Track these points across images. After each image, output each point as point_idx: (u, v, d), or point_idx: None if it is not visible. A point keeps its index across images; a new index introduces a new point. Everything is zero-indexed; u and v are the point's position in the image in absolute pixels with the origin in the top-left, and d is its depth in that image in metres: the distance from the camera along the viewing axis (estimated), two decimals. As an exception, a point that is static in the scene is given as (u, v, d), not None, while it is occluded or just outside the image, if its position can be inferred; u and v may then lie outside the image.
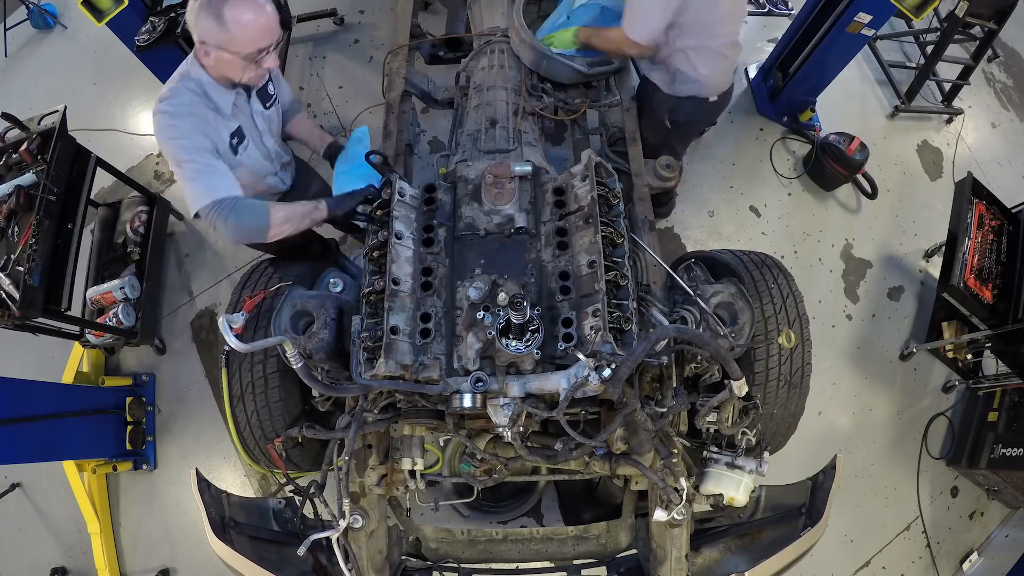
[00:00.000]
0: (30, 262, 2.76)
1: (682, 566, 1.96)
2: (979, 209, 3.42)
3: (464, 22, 3.16)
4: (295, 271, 2.35)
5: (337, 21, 4.45)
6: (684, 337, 1.68)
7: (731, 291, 1.98)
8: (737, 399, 1.99)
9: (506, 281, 1.83)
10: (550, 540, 2.25)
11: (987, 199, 3.50)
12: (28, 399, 2.83)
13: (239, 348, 1.51)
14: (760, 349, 2.18)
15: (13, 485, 3.44)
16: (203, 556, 3.20)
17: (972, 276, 3.28)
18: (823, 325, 3.79)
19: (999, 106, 4.71)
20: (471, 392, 1.69)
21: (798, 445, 2.62)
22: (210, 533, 1.83)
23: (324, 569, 1.99)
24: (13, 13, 4.56)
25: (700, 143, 4.20)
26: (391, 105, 2.79)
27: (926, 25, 4.43)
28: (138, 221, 3.63)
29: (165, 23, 3.19)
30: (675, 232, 3.96)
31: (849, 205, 4.16)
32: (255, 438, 2.25)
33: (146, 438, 3.44)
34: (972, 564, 3.53)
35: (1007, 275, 3.37)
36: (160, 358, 3.64)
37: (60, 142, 2.98)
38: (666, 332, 1.65)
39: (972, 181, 3.45)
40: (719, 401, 1.85)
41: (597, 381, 1.58)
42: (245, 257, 3.77)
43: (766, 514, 2.10)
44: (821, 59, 3.79)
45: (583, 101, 2.74)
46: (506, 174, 2.00)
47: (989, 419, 3.49)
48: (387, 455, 2.08)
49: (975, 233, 3.35)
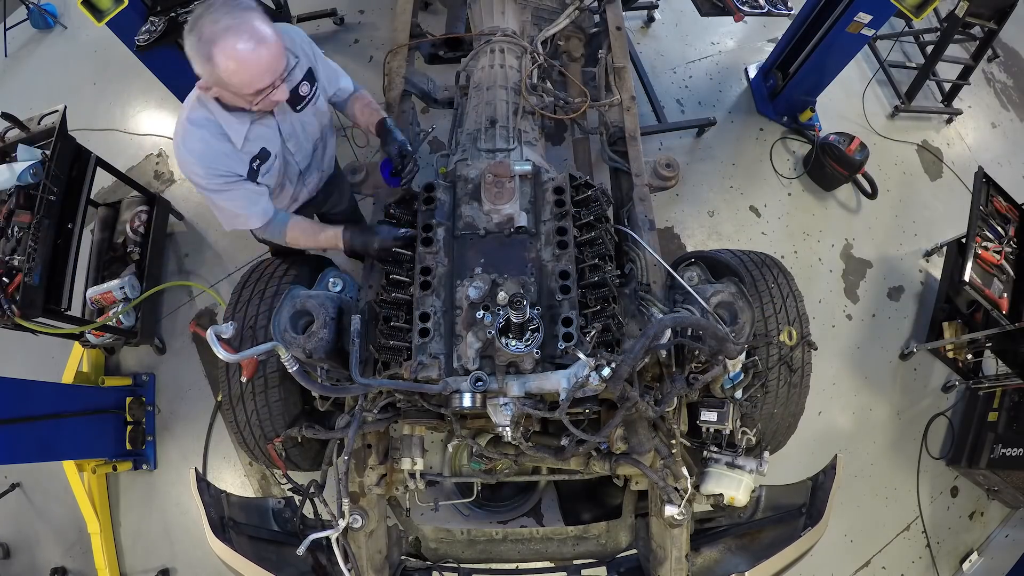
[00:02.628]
0: (30, 261, 2.76)
1: (682, 566, 1.96)
2: (996, 204, 3.42)
3: (464, 22, 3.16)
4: (295, 271, 2.35)
5: (337, 21, 4.45)
6: (682, 323, 1.68)
7: (731, 290, 1.98)
8: (738, 401, 2.00)
9: (506, 280, 1.83)
10: (550, 540, 2.25)
11: (1001, 194, 3.50)
12: (28, 399, 2.83)
13: (228, 359, 1.51)
14: (760, 349, 2.17)
15: (13, 485, 3.44)
16: (203, 556, 3.20)
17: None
18: (823, 325, 3.79)
19: (999, 106, 4.71)
20: (471, 392, 1.69)
21: (798, 445, 2.62)
22: (209, 533, 1.83)
23: (324, 569, 1.99)
24: (13, 13, 4.56)
25: (700, 143, 4.20)
26: (391, 105, 2.79)
27: (926, 25, 4.43)
28: (138, 221, 3.63)
29: (165, 23, 3.19)
30: (675, 232, 3.96)
31: (849, 205, 4.16)
32: (255, 438, 2.24)
33: (146, 438, 3.44)
34: (972, 564, 3.53)
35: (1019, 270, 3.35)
36: (160, 358, 3.64)
37: (60, 142, 2.98)
38: (663, 324, 1.66)
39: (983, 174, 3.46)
40: (712, 377, 1.86)
41: (597, 381, 1.58)
42: (245, 257, 3.77)
43: (766, 514, 2.09)
44: (821, 59, 3.79)
45: (583, 100, 2.74)
46: (506, 173, 1.99)
47: (989, 419, 3.49)
48: (387, 455, 2.08)
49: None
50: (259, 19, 1.72)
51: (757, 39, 4.65)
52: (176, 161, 2.05)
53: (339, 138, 2.54)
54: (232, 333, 1.53)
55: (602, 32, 3.13)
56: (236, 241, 3.86)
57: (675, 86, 4.39)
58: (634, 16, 4.56)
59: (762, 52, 4.52)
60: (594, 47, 3.25)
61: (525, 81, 2.67)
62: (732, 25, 4.52)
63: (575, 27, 3.12)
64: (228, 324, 1.54)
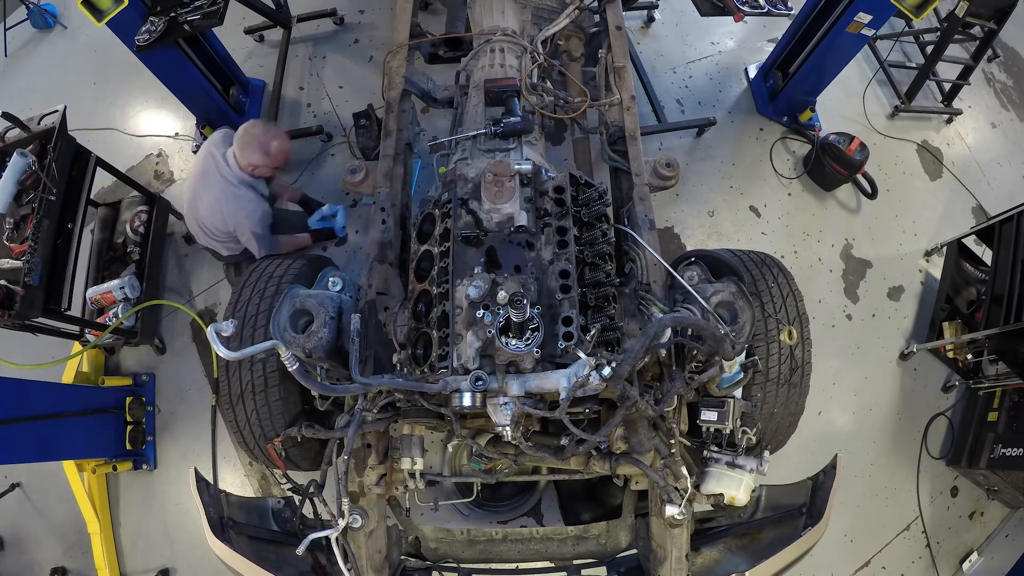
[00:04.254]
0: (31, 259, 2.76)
1: (682, 566, 1.96)
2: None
3: (464, 22, 3.17)
4: (294, 270, 2.35)
5: (337, 21, 4.45)
6: (681, 323, 1.68)
7: (731, 290, 1.98)
8: (739, 402, 2.00)
9: (506, 279, 1.82)
10: (550, 540, 2.24)
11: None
12: (28, 399, 2.83)
13: (228, 356, 1.50)
14: (760, 348, 2.17)
15: (13, 485, 3.44)
16: (203, 556, 3.20)
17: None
18: (823, 325, 3.78)
19: (999, 106, 4.71)
20: (470, 391, 1.69)
21: (798, 445, 2.62)
22: (209, 533, 1.82)
23: (323, 569, 1.98)
24: (13, 13, 4.56)
25: (700, 143, 4.20)
26: (391, 104, 2.79)
27: (926, 25, 4.43)
28: (138, 221, 3.63)
29: (165, 23, 3.18)
30: (675, 232, 3.95)
31: (849, 205, 4.15)
32: (255, 437, 2.24)
33: (146, 438, 3.44)
34: (972, 564, 3.53)
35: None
36: (160, 358, 3.64)
37: (60, 142, 2.98)
38: (662, 323, 1.67)
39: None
40: (709, 377, 1.87)
41: (598, 380, 1.58)
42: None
43: (766, 514, 2.09)
44: (821, 59, 3.79)
45: (583, 100, 2.74)
46: (506, 172, 1.99)
47: (989, 419, 3.49)
48: (386, 454, 2.08)
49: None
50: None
51: (757, 39, 4.65)
52: (226, 206, 3.01)
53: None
54: (232, 331, 1.53)
55: (602, 32, 3.14)
56: (236, 241, 3.86)
57: (675, 86, 4.39)
58: (634, 16, 4.56)
59: (762, 52, 4.52)
60: (594, 47, 3.25)
61: (525, 81, 2.67)
62: (732, 25, 4.52)
63: (575, 27, 3.13)
64: (228, 322, 1.53)
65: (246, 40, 4.42)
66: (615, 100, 2.77)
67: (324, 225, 3.41)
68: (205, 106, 3.80)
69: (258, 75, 4.29)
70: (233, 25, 4.18)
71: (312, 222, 3.41)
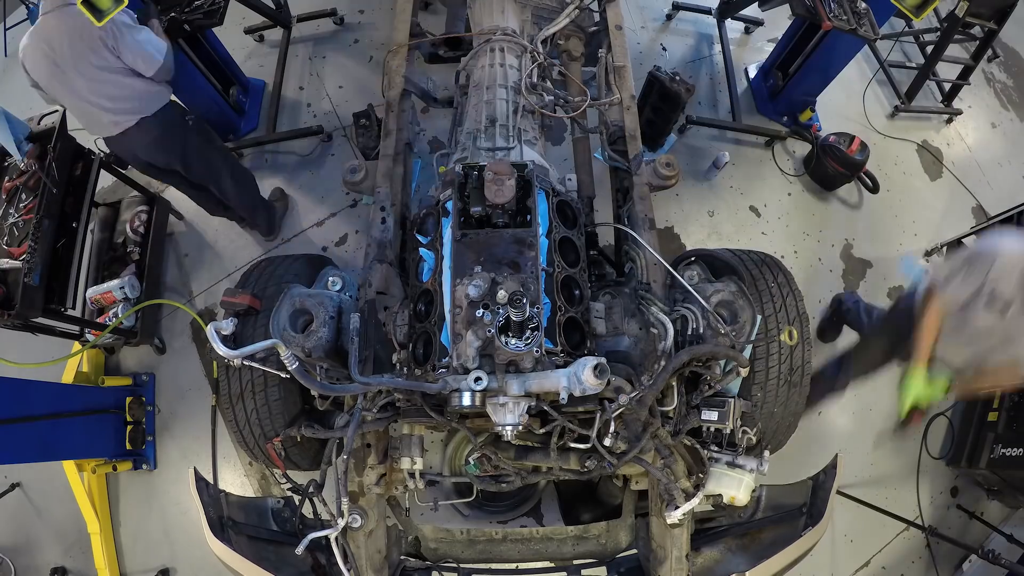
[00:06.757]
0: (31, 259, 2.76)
1: (682, 566, 1.96)
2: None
3: (464, 21, 3.17)
4: (294, 270, 2.35)
5: (337, 21, 4.45)
6: (701, 354, 1.76)
7: (731, 289, 1.97)
8: (739, 401, 2.00)
9: (505, 279, 1.82)
10: (550, 540, 2.24)
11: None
12: (28, 399, 2.83)
13: (228, 355, 1.50)
14: (760, 348, 2.17)
15: (13, 485, 3.44)
16: (203, 556, 3.18)
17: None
18: (823, 325, 3.77)
19: (999, 106, 4.71)
20: (470, 391, 1.68)
21: (798, 445, 2.61)
22: (208, 533, 1.82)
23: (323, 569, 1.98)
24: (13, 13, 4.56)
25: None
26: (391, 104, 2.79)
27: (926, 25, 4.43)
28: (138, 221, 3.63)
29: (165, 23, 3.19)
30: (675, 232, 3.95)
31: (849, 205, 4.15)
32: (254, 437, 2.24)
33: (146, 438, 3.44)
34: (972, 564, 3.52)
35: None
36: (160, 358, 3.64)
37: (60, 142, 2.98)
38: (680, 358, 1.76)
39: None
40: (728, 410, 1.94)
41: (596, 380, 1.58)
42: (244, 257, 3.78)
43: (767, 514, 2.09)
44: (821, 59, 3.79)
45: (583, 99, 2.74)
46: (506, 172, 1.99)
47: (989, 419, 3.48)
48: (386, 454, 2.07)
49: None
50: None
51: (757, 39, 4.65)
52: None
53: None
54: (232, 330, 1.53)
55: (602, 31, 3.13)
56: (236, 241, 3.86)
57: (675, 86, 4.39)
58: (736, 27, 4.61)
59: (762, 52, 4.51)
60: (594, 46, 3.25)
61: (525, 80, 2.67)
62: (732, 25, 4.53)
63: (575, 26, 3.12)
64: (228, 320, 1.53)
65: (246, 40, 4.42)
66: (615, 100, 2.76)
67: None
68: (205, 106, 3.80)
69: (258, 75, 4.30)
70: (233, 25, 4.17)
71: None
